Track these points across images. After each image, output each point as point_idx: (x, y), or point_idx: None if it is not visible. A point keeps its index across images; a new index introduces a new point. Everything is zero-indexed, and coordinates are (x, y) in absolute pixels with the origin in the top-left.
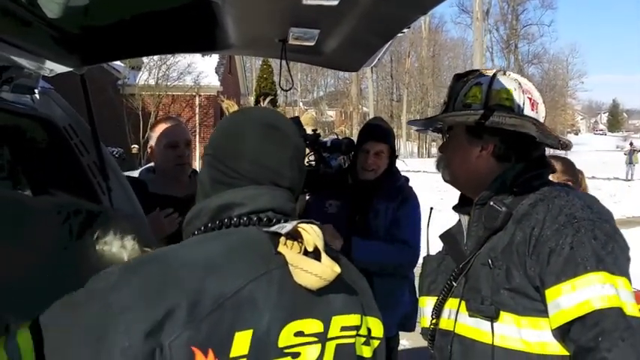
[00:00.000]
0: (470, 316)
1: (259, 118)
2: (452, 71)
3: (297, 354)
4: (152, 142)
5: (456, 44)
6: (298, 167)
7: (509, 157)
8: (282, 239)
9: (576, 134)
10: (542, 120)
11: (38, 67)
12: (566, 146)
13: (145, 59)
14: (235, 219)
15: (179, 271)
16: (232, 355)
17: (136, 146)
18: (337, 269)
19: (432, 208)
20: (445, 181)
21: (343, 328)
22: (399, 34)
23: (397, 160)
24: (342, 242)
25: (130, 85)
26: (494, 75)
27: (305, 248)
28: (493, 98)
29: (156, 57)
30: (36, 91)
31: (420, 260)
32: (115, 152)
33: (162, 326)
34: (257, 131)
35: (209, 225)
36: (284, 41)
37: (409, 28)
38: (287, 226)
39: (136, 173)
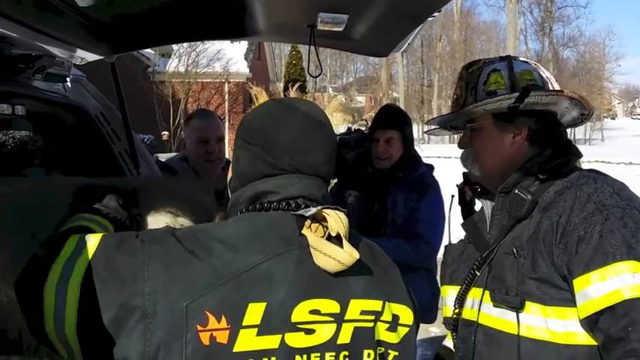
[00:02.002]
0: (495, 306)
1: (300, 108)
2: (484, 55)
3: (312, 330)
4: (184, 135)
5: (489, 27)
6: (332, 157)
7: (544, 139)
8: (307, 222)
9: (613, 119)
10: None
11: (69, 56)
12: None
13: (174, 46)
14: (267, 205)
15: (205, 243)
16: (244, 323)
17: (166, 133)
18: (356, 255)
19: (453, 196)
20: (474, 178)
21: (363, 312)
22: (430, 18)
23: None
24: None
25: (160, 72)
26: (509, 58)
27: (329, 233)
28: (520, 81)
29: (185, 44)
30: (68, 79)
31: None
32: (145, 139)
33: (184, 289)
34: (297, 121)
35: (244, 211)
36: (313, 27)
37: (440, 11)
38: (312, 210)
39: (167, 156)
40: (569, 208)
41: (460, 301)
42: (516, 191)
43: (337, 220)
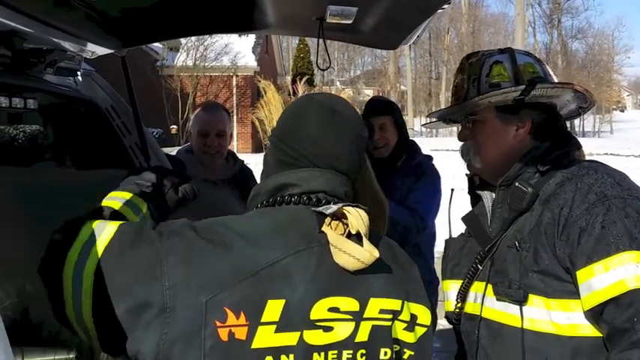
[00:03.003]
0: (498, 300)
1: (323, 103)
2: (492, 47)
3: (330, 328)
4: (190, 126)
5: (497, 19)
6: (357, 152)
7: (546, 132)
8: (327, 219)
9: (622, 111)
10: None
11: (80, 50)
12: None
13: (182, 40)
14: (287, 197)
15: (225, 238)
16: (263, 320)
17: (175, 127)
18: (376, 254)
19: (453, 190)
20: (474, 170)
21: (382, 311)
22: (439, 10)
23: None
24: None
25: (169, 66)
26: (511, 51)
27: (349, 230)
28: (524, 73)
29: (193, 38)
30: (79, 73)
31: (439, 242)
32: (154, 133)
33: (203, 284)
34: (319, 116)
35: (265, 203)
36: (321, 20)
37: (449, 3)
38: (332, 207)
39: (173, 152)
40: (570, 200)
41: (462, 295)
42: (517, 184)
43: (358, 218)
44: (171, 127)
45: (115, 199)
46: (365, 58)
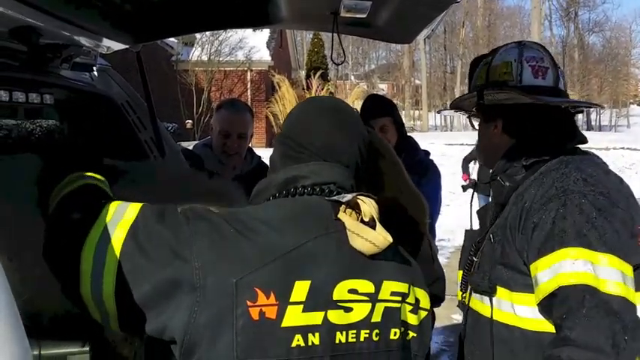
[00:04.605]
0: (475, 291)
1: (325, 103)
2: (508, 41)
3: (350, 309)
4: (212, 121)
5: (513, 13)
6: (360, 150)
7: (521, 130)
8: (342, 207)
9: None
10: (559, 84)
11: (96, 45)
12: (579, 109)
13: (197, 35)
14: (300, 189)
15: (249, 224)
16: (292, 300)
17: (190, 122)
18: (389, 239)
19: (475, 183)
20: (482, 163)
21: (392, 293)
22: (454, 4)
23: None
24: None
25: (184, 61)
26: (498, 49)
27: (362, 218)
28: (493, 75)
29: (208, 32)
30: (94, 68)
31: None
32: (169, 128)
33: (233, 266)
34: (323, 114)
35: (276, 195)
36: (336, 14)
37: None
38: (347, 196)
39: (190, 146)
40: (533, 195)
41: (463, 285)
42: (498, 178)
43: (370, 206)
44: (186, 121)
45: (93, 179)
46: (379, 52)
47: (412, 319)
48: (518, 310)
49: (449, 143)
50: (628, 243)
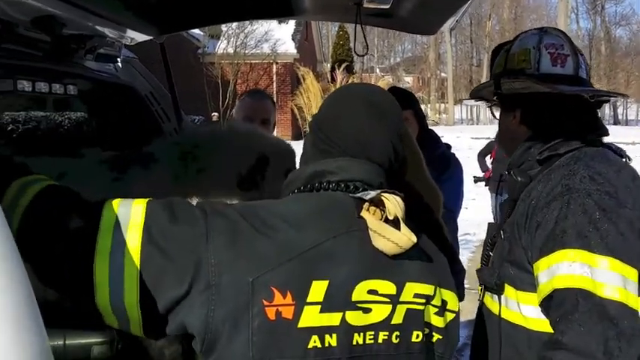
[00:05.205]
0: (485, 287)
1: (361, 94)
2: None
3: (369, 310)
4: (234, 111)
5: (539, 5)
6: (393, 147)
7: (538, 121)
8: (366, 205)
9: None
10: (579, 72)
11: (120, 36)
12: (603, 98)
13: (223, 27)
14: (325, 184)
15: (268, 220)
16: (308, 300)
17: (216, 114)
18: (414, 239)
19: (501, 175)
20: (504, 153)
21: (416, 295)
22: None
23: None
24: None
25: (210, 53)
26: (519, 36)
27: (386, 216)
28: (510, 63)
29: (234, 25)
30: (118, 59)
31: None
32: (196, 120)
33: (249, 264)
34: (357, 107)
35: (302, 188)
36: (359, 4)
37: None
38: (371, 193)
39: None
40: (540, 192)
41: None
42: (511, 173)
43: (395, 204)
44: (212, 114)
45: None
46: (405, 45)
47: (438, 321)
48: (523, 309)
49: (475, 137)
50: (634, 245)
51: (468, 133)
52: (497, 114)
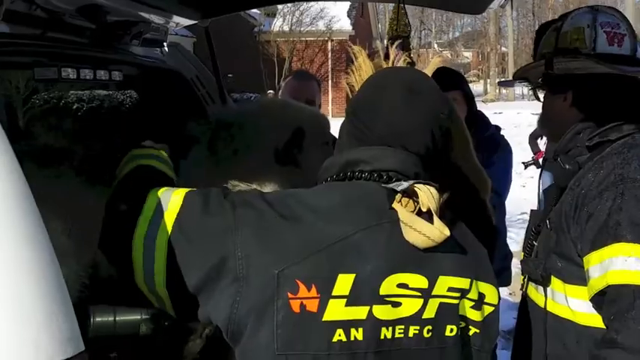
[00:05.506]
0: (529, 278)
1: (401, 80)
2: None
3: (398, 304)
4: (280, 93)
5: None
6: (432, 135)
7: (592, 104)
8: (398, 196)
9: None
10: (637, 53)
11: (165, 21)
12: None
13: (279, 5)
14: (358, 173)
15: (297, 211)
16: (334, 293)
17: (272, 92)
18: (447, 232)
19: (545, 160)
20: (547, 139)
21: (450, 289)
22: None
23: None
24: None
25: (266, 31)
26: (569, 14)
27: (419, 208)
28: (562, 42)
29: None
30: (165, 44)
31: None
32: (252, 98)
33: (275, 257)
34: (395, 96)
35: (335, 177)
36: None
37: None
38: (404, 184)
39: None
40: (591, 181)
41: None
42: (559, 159)
43: (429, 196)
44: (268, 92)
45: (149, 158)
46: (464, 19)
47: (474, 315)
48: (571, 303)
49: (536, 113)
50: None
51: (528, 109)
52: (541, 96)
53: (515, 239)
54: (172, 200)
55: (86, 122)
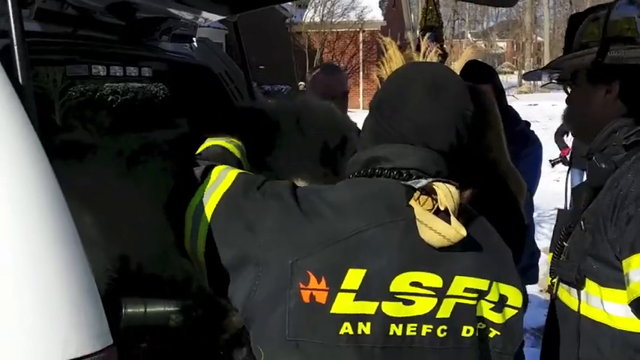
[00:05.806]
0: (563, 281)
1: (426, 76)
2: None
3: (411, 302)
4: (308, 87)
5: None
6: (457, 131)
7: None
8: (416, 194)
9: None
10: None
11: (194, 17)
12: None
13: None
14: (379, 170)
15: (317, 206)
16: (343, 287)
17: (303, 83)
18: (463, 232)
19: (572, 158)
20: (573, 135)
21: (467, 290)
22: None
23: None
24: None
25: (297, 23)
26: (613, 4)
27: (437, 206)
28: (611, 31)
29: None
30: (194, 39)
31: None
32: (283, 90)
33: (291, 247)
34: (419, 91)
35: (357, 174)
36: None
37: None
38: (422, 182)
39: None
40: (630, 182)
41: (553, 271)
42: (594, 158)
43: (447, 194)
44: (299, 83)
45: (226, 142)
46: (499, 9)
47: (494, 317)
48: (607, 306)
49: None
50: None
51: (564, 102)
52: (569, 90)
53: (547, 235)
54: (226, 178)
55: (119, 116)
